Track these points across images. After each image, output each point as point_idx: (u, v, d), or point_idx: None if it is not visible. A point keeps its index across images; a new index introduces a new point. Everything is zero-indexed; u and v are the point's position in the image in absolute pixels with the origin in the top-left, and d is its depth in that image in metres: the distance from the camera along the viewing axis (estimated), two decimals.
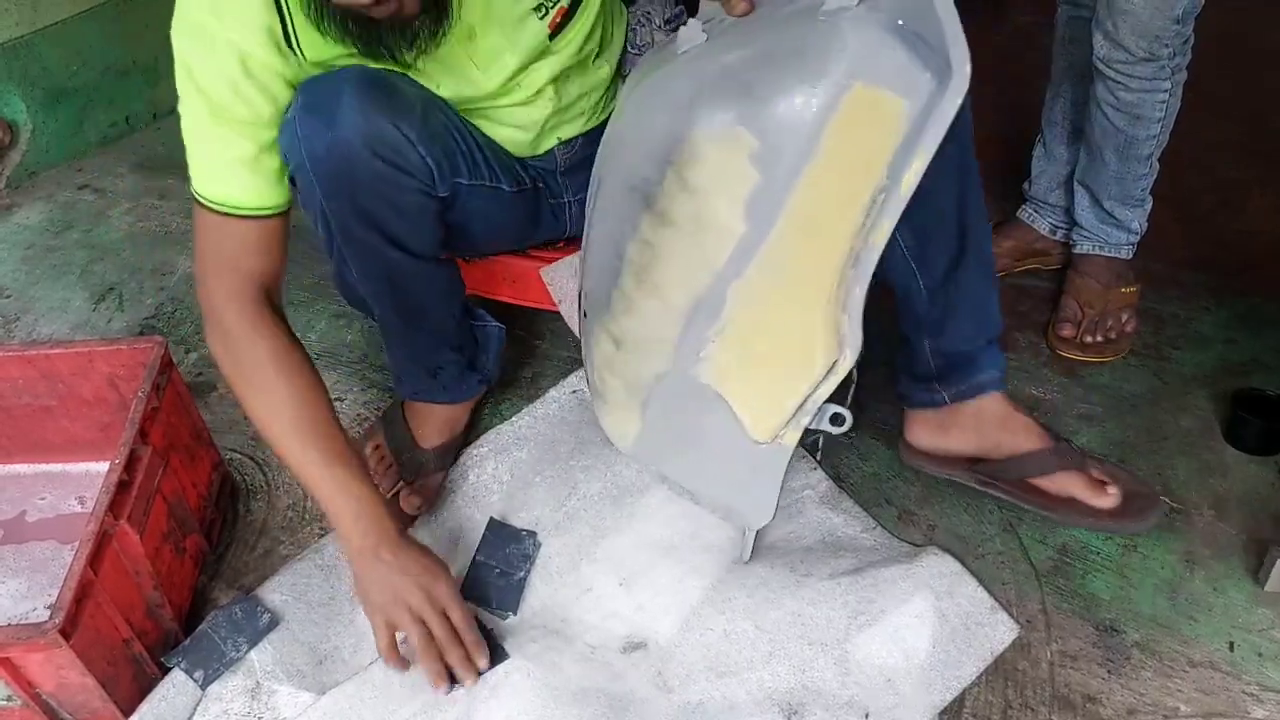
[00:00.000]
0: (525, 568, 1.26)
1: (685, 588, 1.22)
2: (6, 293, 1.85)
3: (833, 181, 0.91)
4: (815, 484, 1.35)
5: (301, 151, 1.07)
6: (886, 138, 0.87)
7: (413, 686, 1.14)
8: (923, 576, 1.19)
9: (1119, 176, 1.50)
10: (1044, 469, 1.22)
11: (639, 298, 1.07)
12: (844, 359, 0.97)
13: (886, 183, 0.88)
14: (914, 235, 1.12)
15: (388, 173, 1.09)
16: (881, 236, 0.90)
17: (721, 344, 1.03)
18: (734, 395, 1.06)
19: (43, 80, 2.14)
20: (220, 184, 1.08)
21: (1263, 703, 1.11)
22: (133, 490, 1.12)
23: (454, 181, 1.19)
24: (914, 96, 0.85)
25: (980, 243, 1.15)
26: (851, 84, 0.87)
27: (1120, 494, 1.20)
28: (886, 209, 0.88)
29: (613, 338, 1.14)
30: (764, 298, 0.99)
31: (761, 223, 0.95)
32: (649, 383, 1.12)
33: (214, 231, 1.10)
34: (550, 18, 1.15)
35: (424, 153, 1.12)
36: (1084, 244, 1.59)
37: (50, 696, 1.08)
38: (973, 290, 1.18)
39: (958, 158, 1.08)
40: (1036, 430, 1.24)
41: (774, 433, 1.05)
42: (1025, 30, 2.48)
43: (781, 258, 0.96)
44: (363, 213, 1.12)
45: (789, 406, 1.02)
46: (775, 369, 1.02)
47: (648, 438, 1.18)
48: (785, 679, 1.13)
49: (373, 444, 1.39)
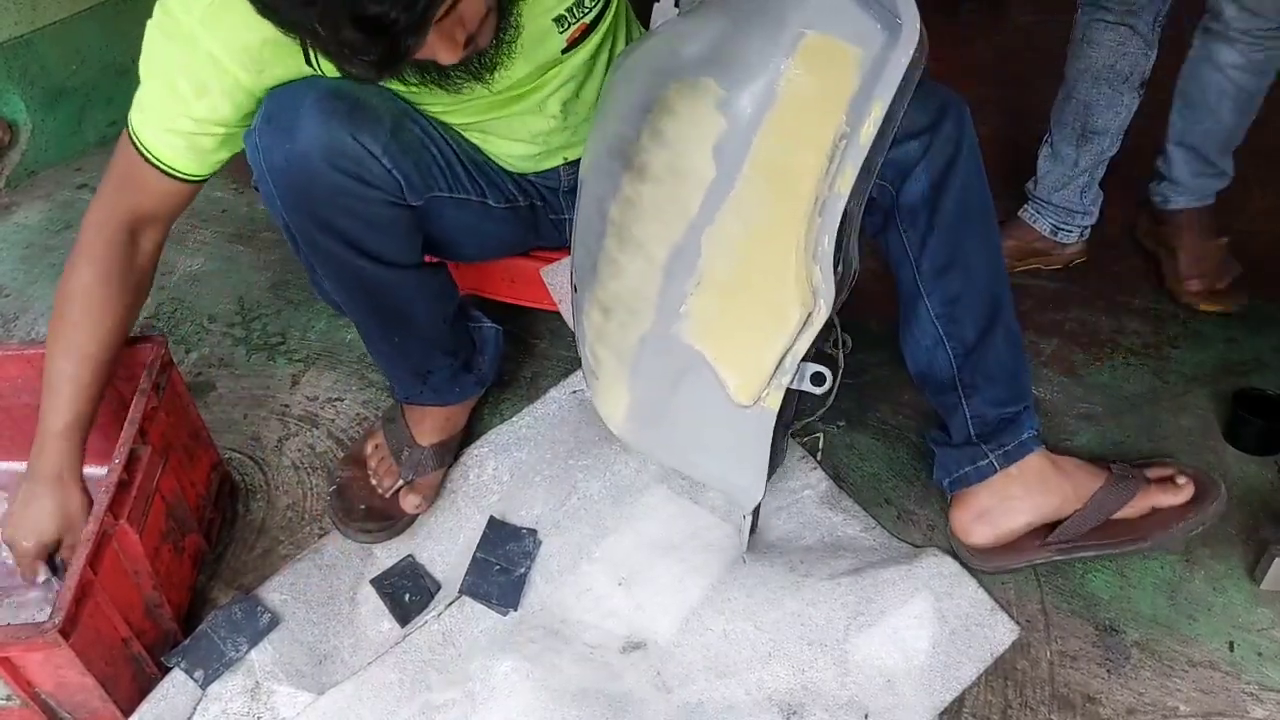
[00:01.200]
0: (526, 564, 1.26)
1: (685, 588, 1.22)
2: (6, 292, 1.85)
3: (793, 127, 0.96)
4: (815, 484, 1.35)
5: (262, 163, 1.07)
6: (842, 84, 0.94)
7: (412, 686, 1.14)
8: (922, 577, 1.19)
9: (1234, 128, 1.57)
10: (1121, 498, 1.22)
11: (623, 259, 1.10)
12: (818, 310, 1.00)
13: (847, 130, 0.94)
14: (945, 304, 1.15)
15: (348, 185, 1.08)
16: (845, 184, 0.94)
17: (699, 297, 1.05)
18: (715, 354, 1.07)
19: (42, 80, 2.14)
20: (153, 134, 1.09)
21: (1262, 702, 1.11)
22: (132, 490, 1.12)
23: (431, 195, 1.17)
24: (867, 46, 0.92)
25: (1008, 316, 1.18)
26: (806, 33, 0.94)
27: (1188, 479, 1.22)
28: (848, 156, 0.94)
29: (601, 306, 1.16)
30: (736, 245, 1.02)
31: (729, 169, 0.99)
32: (635, 348, 1.13)
33: (127, 160, 1.11)
34: (570, 32, 1.14)
35: (389, 165, 1.10)
36: (1178, 199, 1.65)
37: (50, 696, 1.08)
38: (1002, 360, 1.19)
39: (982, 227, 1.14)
40: (1088, 466, 1.25)
41: (756, 394, 1.06)
42: (1025, 30, 2.49)
43: (750, 203, 1.00)
44: (325, 224, 1.12)
45: (769, 363, 1.04)
46: (753, 323, 1.04)
47: (636, 412, 1.18)
48: (785, 679, 1.13)
49: (373, 443, 1.39)
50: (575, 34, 1.15)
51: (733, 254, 1.02)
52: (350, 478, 1.38)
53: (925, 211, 1.11)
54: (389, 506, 1.34)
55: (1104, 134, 1.58)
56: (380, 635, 1.22)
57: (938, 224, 1.11)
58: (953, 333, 1.17)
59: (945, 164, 1.09)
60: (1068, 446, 1.38)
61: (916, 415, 1.45)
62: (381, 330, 1.28)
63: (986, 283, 1.16)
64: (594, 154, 1.14)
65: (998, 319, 1.17)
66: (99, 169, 2.17)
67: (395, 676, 1.15)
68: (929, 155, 1.08)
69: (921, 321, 1.18)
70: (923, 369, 1.22)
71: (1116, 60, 1.51)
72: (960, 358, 1.18)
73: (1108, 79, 1.53)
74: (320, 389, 1.58)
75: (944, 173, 1.09)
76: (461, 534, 1.32)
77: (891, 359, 1.29)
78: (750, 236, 1.01)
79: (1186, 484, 1.22)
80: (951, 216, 1.11)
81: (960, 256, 1.13)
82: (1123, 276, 1.71)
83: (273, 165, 1.07)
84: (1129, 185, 1.73)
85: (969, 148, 1.09)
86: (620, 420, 1.21)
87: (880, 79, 0.91)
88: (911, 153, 1.08)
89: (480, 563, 1.26)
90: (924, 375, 1.23)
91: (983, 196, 1.13)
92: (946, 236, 1.12)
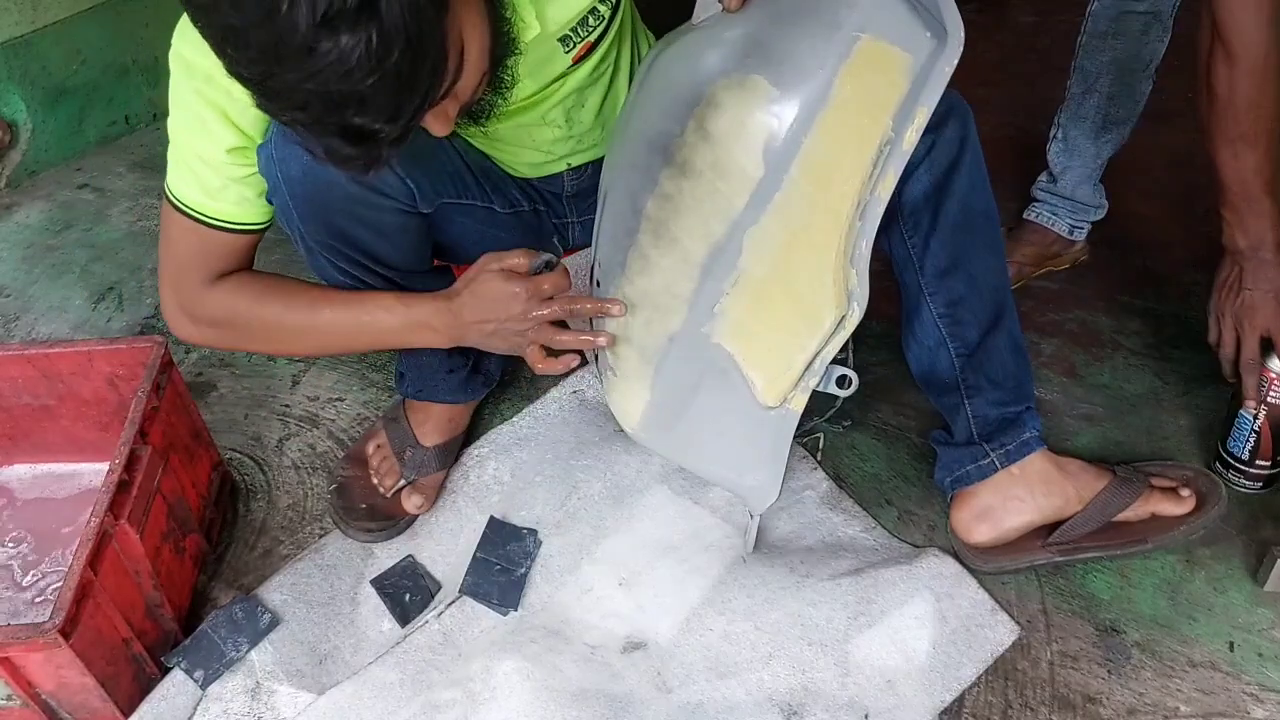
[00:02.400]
0: (526, 564, 1.26)
1: (685, 588, 1.22)
2: (6, 292, 1.85)
3: (843, 129, 0.97)
4: (816, 484, 1.35)
5: (278, 174, 1.07)
6: (892, 89, 0.95)
7: (413, 687, 1.14)
8: (923, 578, 1.19)
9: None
10: (1123, 500, 1.22)
11: (656, 255, 1.09)
12: (852, 313, 1.01)
13: (891, 135, 0.95)
14: (948, 305, 1.16)
15: (363, 194, 1.09)
16: (886, 189, 0.96)
17: (735, 296, 1.05)
18: (745, 354, 1.07)
19: (43, 79, 2.14)
20: (207, 198, 1.08)
21: (1263, 703, 1.11)
22: (132, 490, 1.12)
23: (441, 201, 1.18)
24: (917, 53, 0.94)
25: (1012, 320, 1.19)
26: (861, 36, 0.95)
27: (1191, 490, 1.22)
28: (891, 161, 0.96)
29: (628, 303, 1.15)
30: (777, 245, 1.02)
31: (777, 168, 0.99)
32: (662, 345, 1.12)
33: (186, 238, 1.11)
34: (576, 51, 1.14)
35: (403, 173, 1.11)
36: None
37: (50, 696, 1.08)
38: (1005, 361, 1.19)
39: (986, 229, 1.15)
40: (1092, 468, 1.25)
41: (783, 395, 1.06)
42: (1026, 30, 2.49)
43: (795, 203, 1.00)
44: (340, 233, 1.12)
45: (798, 364, 1.04)
46: (785, 324, 1.04)
47: (655, 412, 1.18)
48: (785, 680, 1.13)
49: (375, 443, 1.39)
50: (581, 51, 1.15)
51: (773, 255, 1.02)
52: (351, 477, 1.38)
53: (928, 213, 1.11)
54: (390, 506, 1.34)
55: (1125, 123, 1.57)
56: (381, 635, 1.22)
57: (940, 225, 1.12)
58: (956, 334, 1.17)
59: (948, 166, 1.09)
60: (1068, 447, 1.38)
61: (917, 415, 1.45)
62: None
63: (990, 284, 1.16)
64: (627, 149, 1.13)
65: (1001, 320, 1.18)
66: (99, 169, 2.20)
67: (396, 676, 1.15)
68: (931, 156, 1.08)
69: (924, 323, 1.18)
70: (925, 370, 1.22)
71: (1140, 49, 1.51)
72: (963, 359, 1.18)
73: (1131, 68, 1.51)
74: (321, 389, 1.58)
75: (946, 174, 1.09)
76: (462, 534, 1.32)
77: (892, 359, 1.29)
78: (792, 238, 1.01)
79: (1190, 497, 1.22)
80: (954, 218, 1.11)
81: (963, 259, 1.14)
82: (1123, 276, 1.71)
83: (289, 176, 1.06)
84: (1128, 183, 1.74)
85: (972, 151, 1.10)
86: (636, 418, 1.21)
87: (926, 85, 0.93)
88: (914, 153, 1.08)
89: (481, 563, 1.26)
90: (926, 376, 1.23)
91: (985, 199, 1.14)
92: (949, 238, 1.13)
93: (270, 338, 1.17)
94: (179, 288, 1.14)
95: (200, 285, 1.13)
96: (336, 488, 1.37)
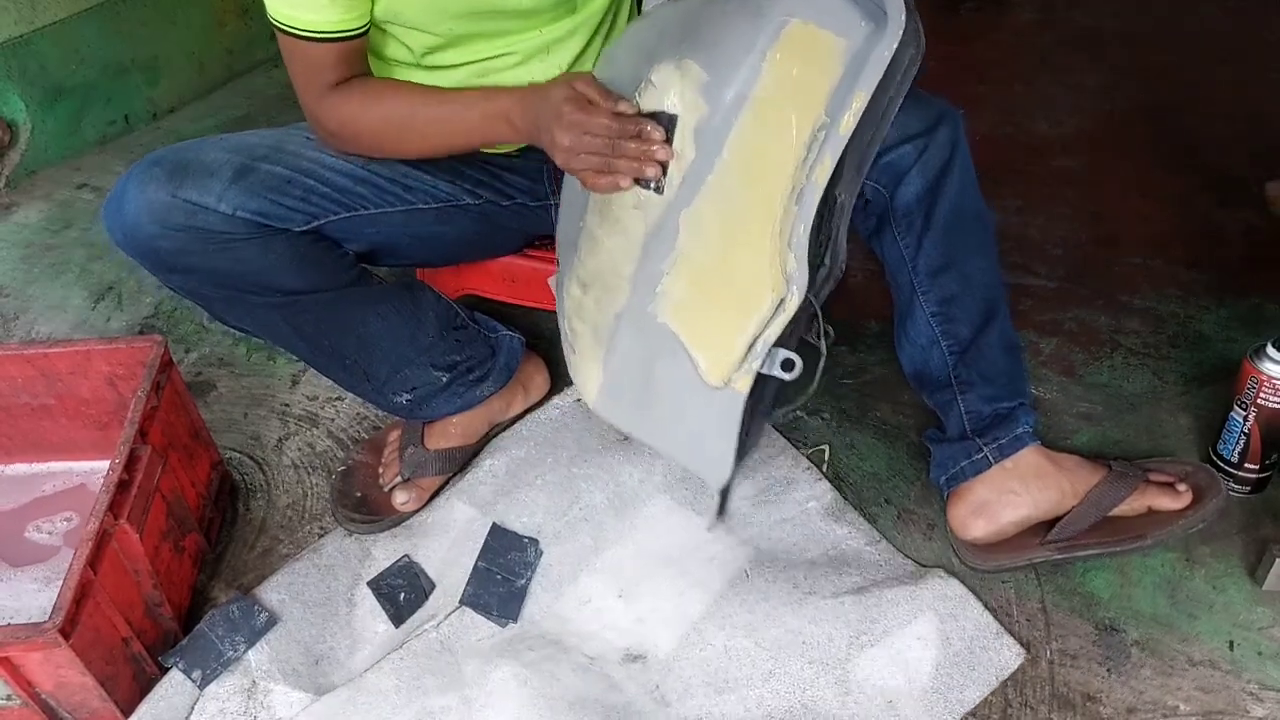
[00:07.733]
0: (527, 575, 1.26)
1: (686, 601, 1.22)
2: (5, 291, 1.85)
3: (772, 113, 0.97)
4: (820, 495, 1.34)
5: (114, 241, 1.12)
6: (823, 75, 0.94)
7: (409, 693, 1.14)
8: (927, 599, 1.18)
9: None
10: (1119, 494, 1.22)
11: (602, 234, 1.11)
12: (791, 296, 1.00)
13: (826, 120, 0.94)
14: (940, 303, 1.18)
15: (189, 239, 1.10)
16: (823, 174, 0.95)
17: (674, 276, 1.06)
18: (688, 333, 1.08)
19: (42, 79, 2.14)
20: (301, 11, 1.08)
21: (1262, 701, 1.11)
22: (132, 490, 1.12)
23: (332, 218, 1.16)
24: (851, 37, 0.93)
25: (1004, 321, 1.21)
26: (789, 20, 0.95)
27: (1188, 484, 1.22)
28: (827, 146, 0.95)
29: (580, 282, 1.17)
30: (712, 227, 1.03)
31: (709, 151, 1.00)
32: (611, 324, 1.13)
33: (292, 52, 1.13)
34: None
35: (231, 209, 1.09)
36: None
37: (49, 696, 1.08)
38: (997, 358, 1.21)
39: (977, 230, 1.17)
40: (1087, 462, 1.25)
41: (727, 375, 1.06)
42: (1026, 30, 2.49)
43: (727, 186, 1.01)
44: (208, 274, 1.13)
45: (740, 345, 1.04)
46: (726, 305, 1.05)
47: (610, 388, 1.18)
48: (785, 697, 1.12)
49: (394, 434, 1.40)
50: None
51: (709, 236, 1.03)
52: (361, 462, 1.40)
53: (920, 215, 1.13)
54: (381, 501, 1.34)
55: None
56: (377, 636, 1.22)
57: (932, 227, 1.14)
58: (948, 331, 1.19)
59: (939, 169, 1.11)
60: (1067, 446, 1.38)
61: (916, 415, 1.45)
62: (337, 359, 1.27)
63: (981, 283, 1.18)
64: None
65: (993, 318, 1.20)
66: (99, 168, 2.20)
67: (392, 683, 1.15)
68: (923, 159, 1.10)
69: (917, 321, 1.20)
70: (918, 367, 1.24)
71: None
72: (955, 356, 1.20)
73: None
74: (320, 388, 1.58)
75: (938, 177, 1.11)
76: (454, 532, 1.31)
77: (891, 359, 1.29)
78: (726, 220, 1.02)
79: (1186, 491, 1.22)
80: (946, 219, 1.14)
81: (956, 258, 1.16)
82: (1123, 276, 1.71)
83: (118, 241, 1.12)
84: (1128, 182, 1.74)
85: (962, 155, 1.12)
86: (594, 393, 1.21)
87: (863, 70, 0.92)
88: (906, 157, 1.11)
89: (482, 572, 1.25)
90: (919, 374, 1.24)
91: (976, 201, 1.16)
92: (941, 239, 1.15)
93: (381, 144, 1.17)
94: (304, 103, 1.16)
95: (317, 97, 1.14)
96: (344, 470, 1.38)
